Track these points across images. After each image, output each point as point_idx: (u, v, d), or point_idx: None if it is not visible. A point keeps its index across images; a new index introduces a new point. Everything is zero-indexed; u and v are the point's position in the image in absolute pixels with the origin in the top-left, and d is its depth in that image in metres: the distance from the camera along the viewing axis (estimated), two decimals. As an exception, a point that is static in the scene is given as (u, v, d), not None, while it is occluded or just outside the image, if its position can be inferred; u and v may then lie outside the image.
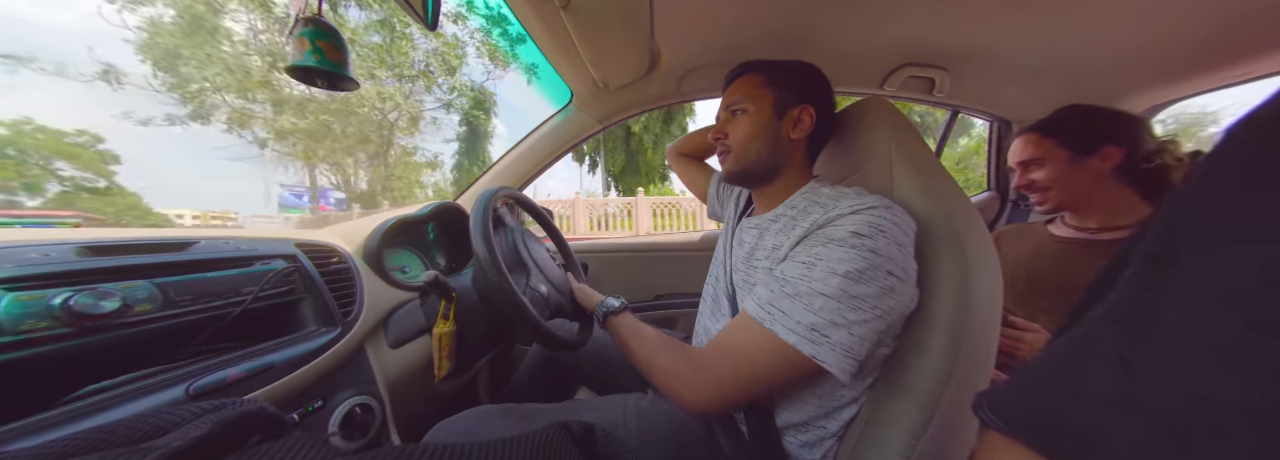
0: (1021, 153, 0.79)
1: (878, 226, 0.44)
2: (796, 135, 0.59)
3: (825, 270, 0.43)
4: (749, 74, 0.62)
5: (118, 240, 0.49)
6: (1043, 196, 0.78)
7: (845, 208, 0.47)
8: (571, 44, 0.75)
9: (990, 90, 1.12)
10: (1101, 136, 0.72)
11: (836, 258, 0.43)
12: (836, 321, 0.41)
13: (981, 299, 0.46)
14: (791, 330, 0.42)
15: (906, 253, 0.44)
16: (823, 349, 0.41)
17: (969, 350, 0.44)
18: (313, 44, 0.58)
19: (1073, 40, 0.86)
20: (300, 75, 0.62)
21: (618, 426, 0.54)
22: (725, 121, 0.63)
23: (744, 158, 0.61)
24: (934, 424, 0.44)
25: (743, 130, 0.60)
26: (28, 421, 0.34)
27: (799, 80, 0.61)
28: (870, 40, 0.87)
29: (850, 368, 0.42)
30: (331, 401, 0.56)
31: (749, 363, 0.45)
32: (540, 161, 1.15)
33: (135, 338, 0.42)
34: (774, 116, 0.59)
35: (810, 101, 0.59)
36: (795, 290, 0.44)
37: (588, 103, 1.06)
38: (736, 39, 0.84)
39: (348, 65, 0.62)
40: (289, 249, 0.61)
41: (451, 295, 0.68)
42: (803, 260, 0.46)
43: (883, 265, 0.42)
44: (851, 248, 0.43)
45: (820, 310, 0.42)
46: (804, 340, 0.42)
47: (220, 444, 0.26)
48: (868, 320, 0.42)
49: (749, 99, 0.60)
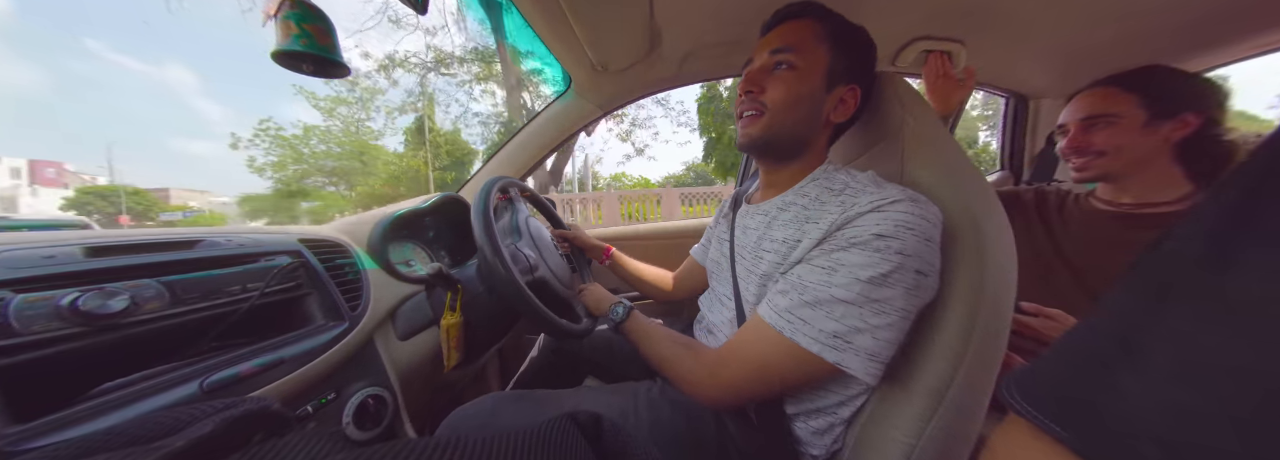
0: (1090, 107, 0.69)
1: (904, 224, 0.41)
2: (836, 118, 0.54)
3: (847, 276, 0.40)
4: (810, 18, 0.51)
5: (123, 240, 0.50)
6: (1091, 162, 0.70)
7: (865, 204, 0.43)
8: (568, 26, 0.72)
9: (1009, 64, 1.07)
10: (1184, 101, 0.64)
11: (859, 263, 0.40)
12: (860, 327, 0.40)
13: (996, 281, 0.44)
14: (814, 339, 0.41)
15: (933, 247, 0.42)
16: (847, 355, 0.40)
17: (981, 333, 0.43)
18: (299, 27, 0.55)
19: (1099, 9, 0.81)
20: (287, 61, 0.59)
21: (629, 416, 0.55)
22: (764, 71, 0.52)
23: (777, 124, 0.51)
24: (943, 407, 0.43)
25: (786, 89, 0.50)
26: (46, 420, 0.35)
27: (859, 49, 0.52)
28: (883, 11, 0.83)
29: (876, 371, 0.41)
30: (344, 393, 0.57)
31: (769, 371, 0.45)
32: (541, 150, 1.13)
33: (146, 336, 0.43)
34: (824, 85, 0.51)
35: (859, 82, 0.53)
36: (816, 297, 0.42)
37: (587, 88, 1.03)
38: (741, 14, 0.80)
39: (337, 49, 0.59)
40: (293, 245, 0.61)
41: (457, 287, 0.68)
42: (822, 265, 0.43)
43: (910, 265, 0.40)
44: (876, 251, 0.40)
45: (842, 317, 0.40)
46: (827, 348, 0.40)
47: (223, 442, 0.26)
48: (893, 323, 0.40)
49: (803, 51, 0.50)
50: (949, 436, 0.43)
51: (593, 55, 0.85)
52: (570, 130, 1.13)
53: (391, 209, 0.85)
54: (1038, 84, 1.19)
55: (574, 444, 0.33)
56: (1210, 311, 0.15)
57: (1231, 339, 0.14)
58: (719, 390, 0.47)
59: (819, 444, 0.51)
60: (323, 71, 0.64)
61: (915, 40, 0.93)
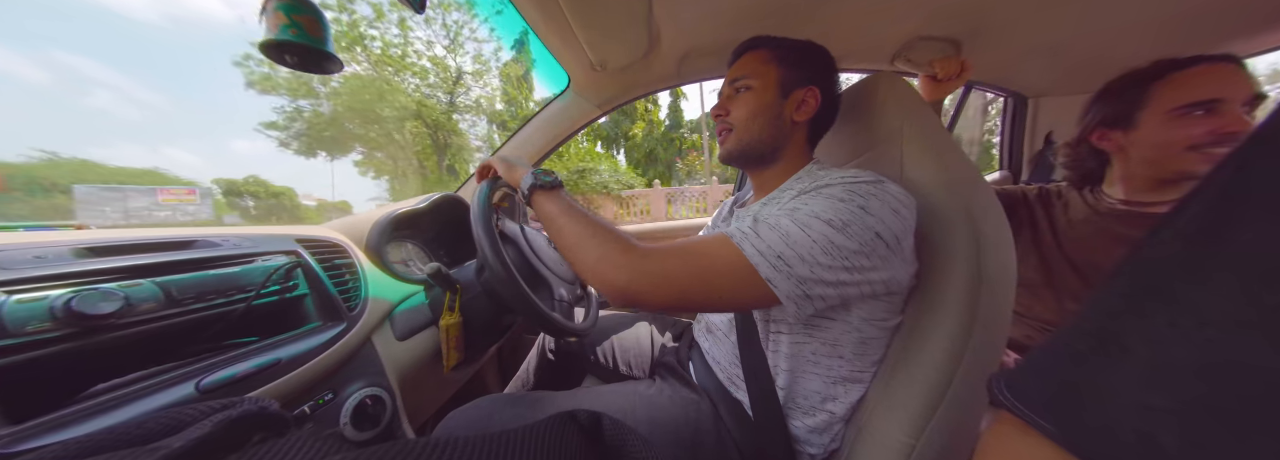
0: (1252, 86, 0.59)
1: (871, 194, 0.42)
2: (799, 117, 0.57)
3: (807, 214, 0.41)
4: (756, 49, 0.60)
5: (118, 240, 0.49)
6: None
7: (836, 177, 0.45)
8: (568, 25, 0.72)
9: (1007, 64, 1.07)
10: None
11: (822, 206, 0.41)
12: (805, 258, 0.39)
13: (995, 280, 0.44)
14: (758, 251, 0.40)
15: (904, 222, 0.42)
16: (780, 275, 0.39)
17: (980, 332, 0.43)
18: (289, 18, 0.53)
19: (1097, 6, 0.81)
20: (273, 53, 0.56)
21: (628, 415, 0.55)
22: (728, 98, 0.61)
23: (745, 137, 0.59)
24: (943, 407, 0.43)
25: (746, 108, 0.58)
26: (40, 421, 0.34)
27: (807, 60, 0.59)
28: (881, 11, 0.83)
29: (804, 306, 0.39)
30: (341, 394, 0.56)
31: (700, 267, 0.41)
32: (539, 150, 1.13)
33: (141, 337, 0.43)
34: (779, 96, 0.57)
35: (816, 83, 0.57)
36: (775, 224, 0.42)
37: (586, 87, 1.03)
38: (739, 13, 0.80)
39: (328, 41, 0.57)
40: (290, 245, 0.61)
41: (456, 287, 0.68)
42: (787, 207, 0.44)
43: (871, 225, 0.40)
44: (840, 200, 0.41)
45: (794, 244, 0.39)
46: (765, 262, 0.39)
47: (222, 443, 0.26)
48: (842, 280, 0.39)
49: (754, 75, 0.58)
50: (950, 434, 0.43)
51: (591, 55, 0.85)
52: (569, 129, 1.13)
53: (390, 209, 0.85)
54: (1037, 83, 1.19)
55: (573, 443, 0.33)
56: (1185, 321, 0.15)
57: (1203, 346, 0.15)
58: (642, 274, 0.42)
59: (817, 442, 0.51)
60: (310, 64, 0.59)
61: (913, 40, 0.93)
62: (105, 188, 16.17)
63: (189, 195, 16.65)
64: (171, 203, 16.09)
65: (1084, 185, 0.79)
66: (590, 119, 1.13)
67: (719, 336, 0.62)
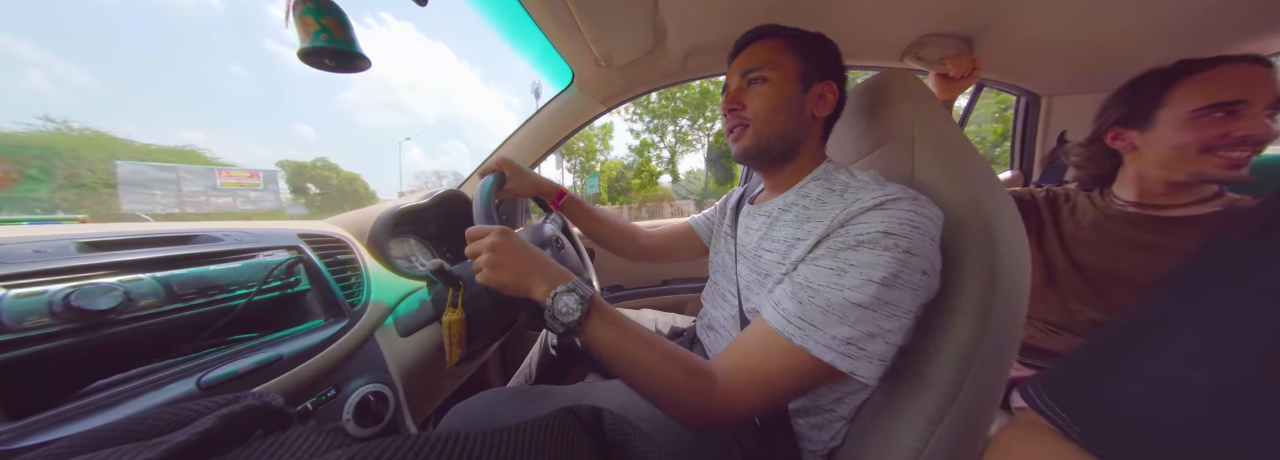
0: (1277, 89, 0.58)
1: (909, 223, 0.40)
2: (820, 113, 0.55)
3: (859, 277, 0.39)
4: (769, 38, 0.56)
5: (119, 235, 0.49)
6: (1250, 157, 0.59)
7: (868, 201, 0.42)
8: (573, 21, 0.71)
9: (1020, 61, 1.05)
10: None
11: (871, 263, 0.39)
12: (873, 332, 0.38)
13: (1009, 280, 0.43)
14: (827, 346, 0.39)
15: (935, 247, 0.41)
16: (860, 363, 0.38)
17: (993, 338, 0.42)
18: (318, 22, 0.54)
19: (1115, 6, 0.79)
20: (312, 59, 0.57)
21: (629, 410, 0.54)
22: (740, 91, 0.56)
23: (765, 132, 0.54)
24: (953, 412, 0.42)
25: (765, 101, 0.53)
26: (40, 417, 0.34)
27: (822, 52, 0.55)
28: (892, 7, 0.82)
29: (881, 373, 0.40)
30: (344, 390, 0.56)
31: (781, 388, 0.41)
32: (542, 146, 1.12)
33: (141, 332, 0.42)
34: (800, 88, 0.53)
35: (833, 78, 0.55)
36: (827, 301, 0.40)
37: (590, 83, 1.02)
38: (747, 8, 0.79)
39: (356, 42, 0.58)
40: (292, 240, 0.61)
41: (459, 283, 0.67)
42: (830, 265, 0.41)
43: (916, 265, 0.39)
44: (886, 250, 0.39)
45: (856, 322, 0.38)
46: (841, 357, 0.38)
47: (224, 438, 0.25)
48: (902, 326, 0.39)
49: (771, 66, 0.54)
50: (959, 437, 0.43)
51: (596, 50, 0.84)
52: (573, 125, 1.12)
53: (393, 204, 0.84)
54: (1050, 81, 1.17)
55: (574, 437, 0.32)
56: (1240, 291, 0.16)
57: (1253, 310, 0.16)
58: (716, 415, 0.41)
59: (817, 439, 0.51)
60: (344, 65, 0.61)
61: (924, 37, 0.92)
62: (157, 166, 14.30)
63: (252, 179, 15.40)
64: (231, 187, 14.78)
65: (1095, 185, 0.77)
66: (594, 115, 1.12)
67: (721, 334, 0.62)
